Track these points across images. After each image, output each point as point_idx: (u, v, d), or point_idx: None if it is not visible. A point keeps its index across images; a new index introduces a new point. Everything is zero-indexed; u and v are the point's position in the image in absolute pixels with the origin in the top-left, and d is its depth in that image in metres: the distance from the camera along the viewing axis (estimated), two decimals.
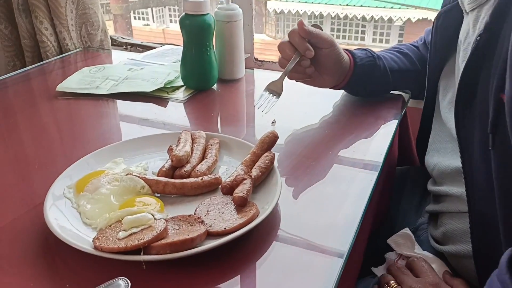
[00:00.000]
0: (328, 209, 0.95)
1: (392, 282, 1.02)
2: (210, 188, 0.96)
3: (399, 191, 1.43)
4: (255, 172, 0.96)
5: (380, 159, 1.10)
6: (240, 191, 0.89)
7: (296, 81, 1.31)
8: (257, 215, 0.86)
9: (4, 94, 1.61)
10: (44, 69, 1.85)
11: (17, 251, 0.84)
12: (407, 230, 1.17)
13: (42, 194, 0.92)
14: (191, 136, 1.12)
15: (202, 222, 0.83)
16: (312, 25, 1.24)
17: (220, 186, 0.96)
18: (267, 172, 0.98)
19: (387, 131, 1.25)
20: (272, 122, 1.29)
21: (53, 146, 1.24)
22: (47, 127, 1.35)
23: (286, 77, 1.26)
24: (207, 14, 1.45)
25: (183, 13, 1.46)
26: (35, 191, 1.01)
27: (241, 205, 0.88)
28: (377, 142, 1.19)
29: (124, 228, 0.81)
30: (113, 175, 0.99)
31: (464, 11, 1.00)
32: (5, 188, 1.03)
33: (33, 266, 0.80)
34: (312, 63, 1.25)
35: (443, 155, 1.08)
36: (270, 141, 1.05)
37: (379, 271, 1.15)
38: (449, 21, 1.14)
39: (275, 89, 1.26)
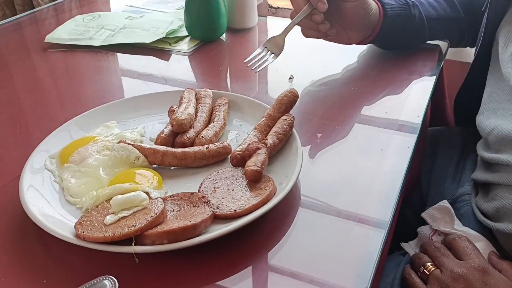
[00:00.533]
0: (361, 180, 0.80)
1: (429, 264, 0.87)
2: (217, 158, 0.81)
3: (431, 155, 1.26)
4: (271, 139, 0.80)
5: (418, 120, 0.94)
6: (253, 164, 0.74)
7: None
8: (274, 193, 0.71)
9: None
10: (36, 17, 1.67)
11: None
12: (445, 203, 1.01)
13: (21, 165, 0.78)
14: (196, 95, 0.95)
15: (208, 202, 0.69)
16: None
17: (229, 157, 0.80)
18: (285, 139, 0.82)
19: (423, 87, 1.07)
20: (290, 78, 1.12)
21: (38, 106, 1.08)
22: (33, 83, 1.19)
23: (302, 34, 1.08)
24: None
25: None
26: (13, 161, 0.87)
27: (255, 180, 0.73)
28: (412, 101, 1.02)
29: (112, 210, 0.67)
30: (103, 143, 0.84)
31: None
32: None
33: (6, 253, 0.67)
34: (334, 17, 1.06)
35: (503, 118, 0.90)
36: (289, 101, 0.88)
37: (409, 247, 1.01)
38: None
39: (274, 47, 1.06)
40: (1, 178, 0.82)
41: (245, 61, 1.05)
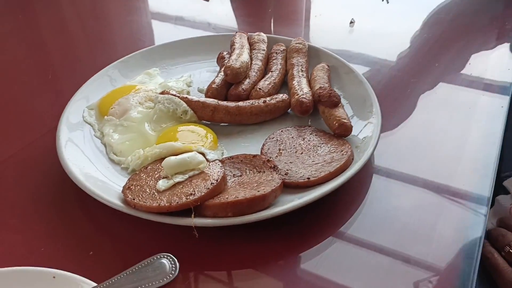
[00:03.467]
0: (448, 145, 0.68)
1: None
2: (275, 114, 0.70)
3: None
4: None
5: (508, 77, 0.80)
6: (341, 116, 0.63)
7: None
8: (352, 159, 0.60)
9: None
10: None
11: (23, 196, 0.62)
12: None
13: (56, 116, 0.68)
14: (248, 40, 0.83)
15: (275, 168, 0.58)
16: None
17: (295, 103, 0.68)
18: None
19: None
20: (351, 22, 0.98)
21: (68, 50, 0.97)
22: (64, 24, 1.08)
23: None
24: None
25: None
26: (46, 110, 0.78)
27: (345, 134, 0.63)
28: (498, 53, 0.87)
29: (165, 174, 0.57)
30: (146, 93, 0.73)
31: None
32: (8, 106, 0.80)
33: (44, 219, 0.59)
34: None
35: None
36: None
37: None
38: None
39: None
40: (35, 130, 0.73)
41: None
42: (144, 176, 0.59)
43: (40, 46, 0.99)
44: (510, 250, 0.74)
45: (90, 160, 0.63)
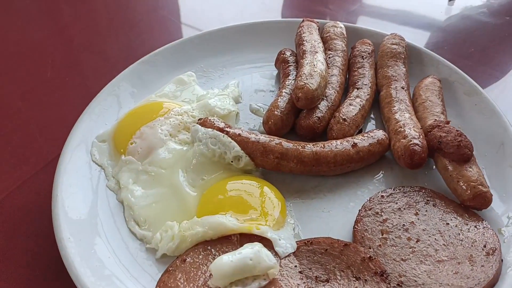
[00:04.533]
0: None
1: None
2: (370, 161, 0.48)
3: None
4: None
5: None
6: (477, 179, 0.42)
7: None
8: (502, 259, 0.39)
9: None
10: None
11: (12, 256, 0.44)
12: None
13: (57, 146, 0.49)
14: (319, 32, 0.59)
15: (383, 276, 0.37)
16: None
17: (403, 151, 0.46)
18: None
19: None
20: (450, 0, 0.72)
21: (86, 45, 0.74)
22: (81, 17, 0.84)
23: None
24: None
25: None
26: (45, 139, 0.57)
27: (481, 208, 0.44)
28: None
29: (215, 283, 0.37)
30: (179, 117, 0.52)
31: None
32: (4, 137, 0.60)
33: None
34: None
35: None
36: None
37: None
38: None
39: None
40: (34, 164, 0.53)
41: None
42: (182, 279, 0.39)
43: (61, 38, 0.76)
44: None
45: (101, 235, 0.43)
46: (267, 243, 0.42)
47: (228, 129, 0.49)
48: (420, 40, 0.66)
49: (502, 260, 0.40)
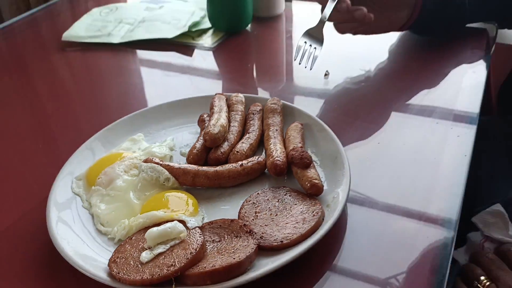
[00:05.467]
0: (421, 174, 0.76)
1: (483, 278, 0.80)
2: (253, 175, 0.74)
3: (478, 149, 1.17)
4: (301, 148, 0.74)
5: (474, 109, 0.89)
6: (313, 176, 0.68)
7: (353, 34, 1.03)
8: (323, 219, 0.64)
9: (11, 43, 1.39)
10: (51, 11, 1.60)
11: (16, 267, 0.66)
12: (498, 207, 0.93)
13: (46, 186, 0.73)
14: (226, 101, 0.88)
15: (251, 232, 0.62)
16: None
17: (270, 166, 0.72)
18: None
19: (474, 77, 0.99)
20: (325, 74, 1.04)
21: (60, 114, 1.02)
22: (52, 87, 1.13)
23: (336, 30, 1.00)
24: None
25: None
26: (37, 181, 0.82)
27: (317, 194, 0.68)
28: (465, 92, 0.95)
29: (147, 245, 0.61)
30: (131, 160, 0.78)
31: None
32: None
33: None
34: (370, 1, 0.96)
35: None
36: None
37: (459, 254, 0.94)
38: None
39: (313, 40, 0.97)
40: (26, 201, 0.77)
41: (294, 60, 0.96)
42: (129, 247, 0.63)
43: (33, 109, 1.05)
44: (479, 285, 0.78)
45: (78, 235, 0.66)
46: (185, 225, 0.66)
47: (160, 162, 0.75)
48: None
49: (323, 219, 0.65)
